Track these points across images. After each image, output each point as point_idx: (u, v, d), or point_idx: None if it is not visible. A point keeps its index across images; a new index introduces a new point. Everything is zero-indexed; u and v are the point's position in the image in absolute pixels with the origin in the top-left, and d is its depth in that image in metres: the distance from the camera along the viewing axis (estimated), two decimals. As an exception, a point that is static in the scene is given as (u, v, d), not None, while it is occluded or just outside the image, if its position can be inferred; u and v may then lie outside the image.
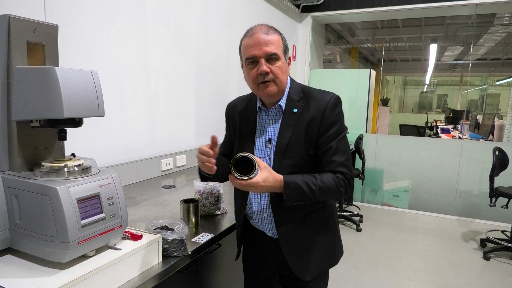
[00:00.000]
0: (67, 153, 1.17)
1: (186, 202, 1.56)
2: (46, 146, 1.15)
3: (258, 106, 1.35)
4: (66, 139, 1.12)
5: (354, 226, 4.20)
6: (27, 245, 1.02)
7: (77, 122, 1.08)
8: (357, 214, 4.49)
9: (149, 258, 1.16)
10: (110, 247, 1.11)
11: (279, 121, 1.30)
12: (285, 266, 1.35)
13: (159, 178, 2.43)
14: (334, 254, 1.41)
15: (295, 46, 5.03)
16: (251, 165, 1.13)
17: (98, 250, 1.07)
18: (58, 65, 1.15)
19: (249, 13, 3.68)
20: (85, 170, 1.08)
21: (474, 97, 13.69)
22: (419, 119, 10.85)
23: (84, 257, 1.04)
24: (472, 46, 6.48)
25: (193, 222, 1.53)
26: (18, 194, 1.02)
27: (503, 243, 3.55)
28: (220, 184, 1.73)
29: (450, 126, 8.98)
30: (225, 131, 1.53)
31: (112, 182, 1.10)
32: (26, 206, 1.01)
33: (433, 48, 9.23)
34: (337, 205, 4.55)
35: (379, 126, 7.50)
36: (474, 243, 3.85)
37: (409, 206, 4.98)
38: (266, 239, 1.39)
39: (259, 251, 1.45)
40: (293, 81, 1.37)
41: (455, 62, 11.48)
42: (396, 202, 5.06)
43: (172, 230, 1.26)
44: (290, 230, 1.30)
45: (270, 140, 1.31)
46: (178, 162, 2.64)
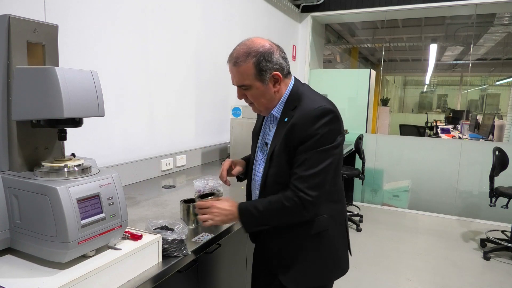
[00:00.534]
0: (67, 153, 1.17)
1: (186, 202, 1.56)
2: (46, 146, 1.15)
3: None
4: (66, 139, 1.12)
5: (354, 226, 4.20)
6: (27, 245, 1.02)
7: (77, 122, 1.08)
8: (357, 214, 4.49)
9: (149, 258, 1.16)
10: (110, 247, 1.11)
11: (275, 128, 1.32)
12: None
13: (159, 178, 2.43)
14: (325, 272, 1.33)
15: (295, 46, 5.03)
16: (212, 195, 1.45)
17: (98, 250, 1.07)
18: (58, 65, 1.15)
19: (249, 13, 3.68)
20: (85, 170, 1.08)
21: (474, 97, 13.69)
22: (419, 119, 10.85)
23: (84, 257, 1.04)
24: (472, 46, 6.48)
25: (193, 222, 1.53)
26: (18, 194, 1.02)
27: (503, 243, 3.55)
28: (220, 184, 1.73)
29: (450, 126, 8.98)
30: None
31: (112, 182, 1.10)
32: (26, 206, 1.01)
33: (433, 48, 9.23)
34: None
35: (379, 126, 7.50)
36: (474, 243, 3.85)
37: (409, 206, 4.98)
38: (263, 237, 1.44)
39: (262, 246, 1.49)
40: (296, 85, 1.32)
41: (455, 62, 11.48)
42: (396, 202, 5.06)
43: (172, 230, 1.26)
44: (277, 238, 1.33)
45: (267, 144, 1.34)
46: (178, 162, 2.64)
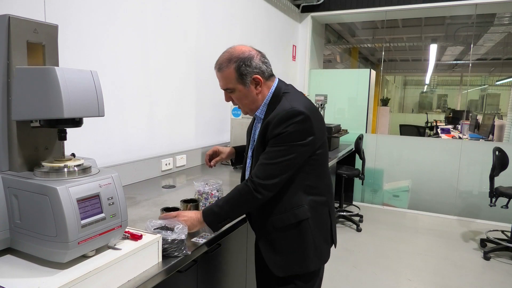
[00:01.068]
0: (67, 153, 1.17)
1: (186, 202, 1.56)
2: (46, 146, 1.15)
3: None
4: (66, 139, 1.12)
5: (354, 226, 4.20)
6: (27, 245, 1.02)
7: (77, 122, 1.08)
8: (357, 214, 4.49)
9: (149, 258, 1.16)
10: (110, 247, 1.11)
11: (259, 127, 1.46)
12: None
13: (159, 178, 2.43)
14: (305, 260, 1.41)
15: (295, 46, 5.03)
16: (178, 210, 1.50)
17: (98, 250, 1.07)
18: (58, 65, 1.15)
19: (249, 13, 3.68)
20: (85, 170, 1.08)
21: (474, 97, 13.69)
22: (419, 119, 10.85)
23: (84, 257, 1.04)
24: (472, 46, 6.48)
25: None
26: (18, 194, 1.02)
27: (503, 243, 3.55)
28: (220, 184, 1.74)
29: (450, 126, 8.98)
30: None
31: (112, 182, 1.10)
32: (26, 206, 1.01)
33: (433, 48, 9.23)
34: (336, 205, 4.55)
35: (379, 126, 7.50)
36: (474, 243, 3.85)
37: (409, 206, 4.98)
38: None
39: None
40: (279, 86, 1.44)
41: (455, 62, 11.48)
42: (396, 202, 5.06)
43: (172, 230, 1.26)
44: (260, 226, 1.46)
45: (255, 141, 1.48)
46: (178, 162, 2.64)
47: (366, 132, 5.12)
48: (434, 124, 9.96)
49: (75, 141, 1.48)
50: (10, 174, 1.06)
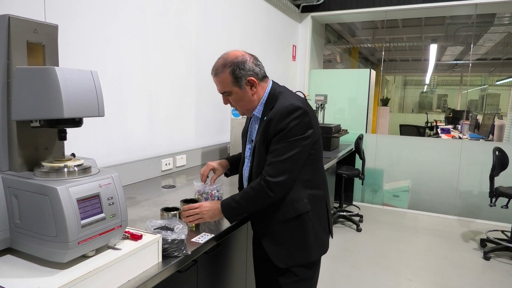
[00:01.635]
0: (67, 153, 1.17)
1: (186, 202, 1.56)
2: (46, 146, 1.15)
3: None
4: (66, 139, 1.12)
5: (354, 226, 4.20)
6: (27, 245, 1.02)
7: (77, 122, 1.08)
8: (357, 214, 4.49)
9: (149, 258, 1.16)
10: (110, 247, 1.11)
11: (257, 126, 1.53)
12: None
13: (159, 178, 2.43)
14: (309, 249, 1.49)
15: (295, 46, 5.03)
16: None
17: (98, 250, 1.07)
18: (58, 65, 1.15)
19: (249, 13, 3.68)
20: (85, 170, 1.08)
21: (474, 97, 13.69)
22: (419, 119, 10.84)
23: (84, 257, 1.04)
24: (472, 46, 6.49)
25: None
26: (18, 194, 1.02)
27: (503, 243, 3.55)
28: (220, 184, 1.74)
29: (450, 126, 8.97)
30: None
31: (112, 182, 1.10)
32: (26, 206, 1.01)
33: (433, 48, 9.23)
34: (336, 205, 4.56)
35: (379, 126, 7.50)
36: (474, 243, 3.85)
37: (409, 206, 4.98)
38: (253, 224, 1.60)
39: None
40: (273, 87, 1.52)
41: (455, 62, 11.47)
42: (396, 202, 5.06)
43: (172, 230, 1.26)
44: (263, 220, 1.50)
45: (252, 141, 1.55)
46: (178, 162, 2.64)
47: (366, 132, 5.12)
48: (434, 124, 9.95)
49: (75, 141, 1.48)
50: (10, 174, 1.06)
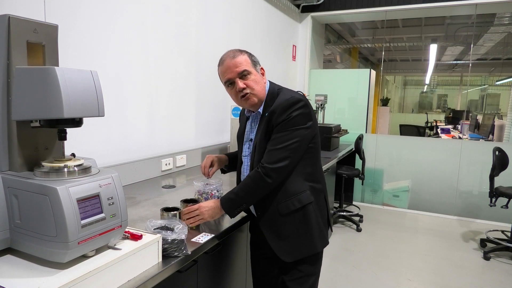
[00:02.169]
0: (67, 153, 1.17)
1: (186, 202, 1.56)
2: (46, 146, 1.15)
3: (245, 114, 1.64)
4: (66, 139, 1.12)
5: (354, 226, 4.20)
6: (27, 245, 1.02)
7: (77, 122, 1.08)
8: (357, 214, 4.49)
9: (149, 258, 1.16)
10: (110, 247, 1.11)
11: (257, 124, 1.54)
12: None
13: (159, 178, 2.43)
14: (313, 240, 1.51)
15: (295, 46, 5.03)
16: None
17: (98, 250, 1.07)
18: (58, 65, 1.15)
19: (249, 13, 3.68)
20: (85, 170, 1.08)
21: (474, 97, 13.68)
22: (419, 119, 10.84)
23: (84, 257, 1.04)
24: (472, 46, 6.48)
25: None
26: (18, 194, 1.02)
27: (503, 243, 3.55)
28: (220, 184, 1.74)
29: (450, 126, 8.97)
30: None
31: (112, 182, 1.10)
32: (26, 206, 1.01)
33: (433, 48, 9.22)
34: (336, 205, 4.56)
35: (379, 126, 7.50)
36: (474, 243, 3.85)
37: (409, 206, 4.98)
38: (256, 221, 1.59)
39: (257, 232, 1.64)
40: (272, 85, 1.56)
41: (455, 62, 11.47)
42: (396, 202, 5.06)
43: (172, 230, 1.26)
44: (267, 214, 1.49)
45: (251, 140, 1.57)
46: (178, 162, 2.64)
47: (366, 132, 5.12)
48: (434, 124, 9.95)
49: (75, 141, 1.48)
50: (10, 174, 1.06)
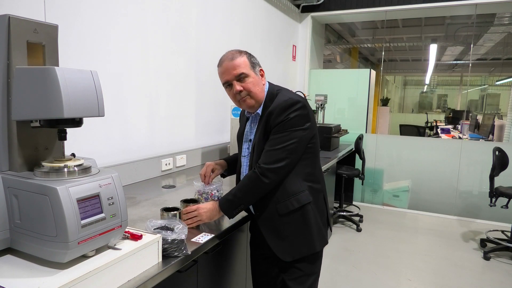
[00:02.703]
0: (67, 153, 1.17)
1: (186, 202, 1.56)
2: (46, 146, 1.15)
3: (246, 115, 1.65)
4: (66, 139, 1.12)
5: (354, 226, 4.20)
6: (27, 245, 1.02)
7: (77, 122, 1.08)
8: (357, 214, 4.49)
9: (149, 258, 1.16)
10: (110, 247, 1.11)
11: (256, 124, 1.55)
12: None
13: (159, 178, 2.43)
14: (312, 240, 1.51)
15: (295, 46, 5.03)
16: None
17: (98, 250, 1.07)
18: (58, 65, 1.15)
19: (249, 13, 3.68)
20: (85, 170, 1.08)
21: (474, 97, 13.68)
22: (419, 119, 10.84)
23: (84, 257, 1.04)
24: (472, 46, 6.48)
25: None
26: (18, 194, 1.02)
27: (503, 243, 3.55)
28: (220, 184, 1.74)
29: (450, 126, 8.97)
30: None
31: (112, 182, 1.10)
32: (26, 206, 1.01)
33: (433, 48, 9.22)
34: (336, 205, 4.56)
35: (379, 126, 7.50)
36: (474, 243, 3.85)
37: (409, 206, 4.98)
38: (255, 220, 1.61)
39: (257, 232, 1.66)
40: (271, 86, 1.56)
41: (455, 62, 11.47)
42: (396, 202, 5.06)
43: (172, 230, 1.26)
44: (266, 214, 1.51)
45: (251, 140, 1.58)
46: (178, 162, 2.64)
47: (366, 132, 5.11)
48: (434, 124, 9.95)
49: (75, 141, 1.48)
50: (10, 174, 1.06)
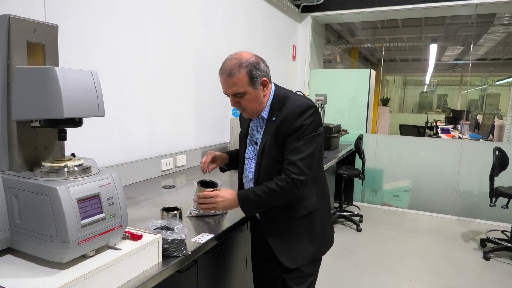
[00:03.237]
0: (67, 153, 1.17)
1: (204, 184, 1.61)
2: (46, 146, 1.15)
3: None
4: (66, 139, 1.12)
5: (354, 226, 4.20)
6: (27, 245, 1.02)
7: (77, 122, 1.08)
8: (357, 214, 4.49)
9: (149, 258, 1.16)
10: (110, 247, 1.11)
11: (263, 128, 1.52)
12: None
13: (159, 178, 2.43)
14: (318, 246, 1.52)
15: (295, 46, 5.03)
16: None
17: (98, 250, 1.07)
18: (58, 65, 1.15)
19: (249, 13, 3.68)
20: (85, 170, 1.08)
21: (474, 97, 13.67)
22: (419, 119, 10.83)
23: (84, 257, 1.04)
24: (472, 46, 6.48)
25: None
26: (18, 194, 1.02)
27: (503, 243, 3.55)
28: (220, 184, 1.74)
29: (450, 126, 8.97)
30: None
31: (112, 182, 1.10)
32: (26, 206, 1.01)
33: (433, 48, 9.22)
34: (336, 205, 4.56)
35: (379, 126, 7.49)
36: (474, 243, 3.85)
37: (409, 206, 4.98)
38: (258, 223, 1.60)
39: (258, 233, 1.67)
40: (277, 89, 1.53)
41: (455, 62, 11.46)
42: (396, 202, 5.06)
43: (172, 230, 1.26)
44: (272, 220, 1.50)
45: (256, 143, 1.55)
46: (178, 162, 2.64)
47: (366, 132, 5.11)
48: (434, 124, 9.95)
49: (75, 141, 1.48)
50: (10, 174, 1.06)
